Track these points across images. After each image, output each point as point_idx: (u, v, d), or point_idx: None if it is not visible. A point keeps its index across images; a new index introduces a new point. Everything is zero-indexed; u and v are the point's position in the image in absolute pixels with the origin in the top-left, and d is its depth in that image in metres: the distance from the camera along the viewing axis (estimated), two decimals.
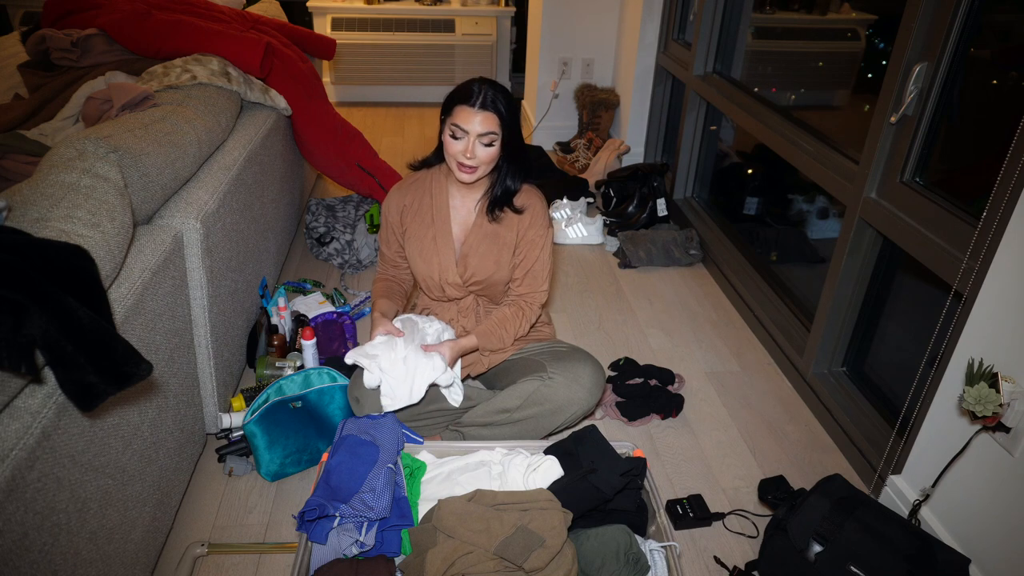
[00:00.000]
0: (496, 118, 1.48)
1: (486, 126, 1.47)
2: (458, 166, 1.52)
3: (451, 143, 1.50)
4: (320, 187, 3.31)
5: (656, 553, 1.35)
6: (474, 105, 1.47)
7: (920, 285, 1.82)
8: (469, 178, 1.53)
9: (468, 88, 1.49)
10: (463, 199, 1.66)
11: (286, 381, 1.66)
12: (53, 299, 0.92)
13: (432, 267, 1.66)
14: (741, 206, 2.90)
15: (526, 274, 1.66)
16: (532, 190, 1.67)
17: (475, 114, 1.46)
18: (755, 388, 2.10)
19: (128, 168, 1.34)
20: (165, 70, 1.93)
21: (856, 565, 1.28)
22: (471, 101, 1.47)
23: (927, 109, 1.57)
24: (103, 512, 1.13)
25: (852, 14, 2.58)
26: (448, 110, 1.51)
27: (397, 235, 1.71)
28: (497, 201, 1.62)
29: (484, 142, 1.49)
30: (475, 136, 1.48)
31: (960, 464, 1.40)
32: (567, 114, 3.91)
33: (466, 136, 1.48)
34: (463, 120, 1.47)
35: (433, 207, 1.66)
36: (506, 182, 1.61)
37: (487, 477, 1.42)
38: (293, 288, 2.40)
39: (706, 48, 2.85)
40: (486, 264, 1.64)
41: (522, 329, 1.68)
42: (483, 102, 1.47)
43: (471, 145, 1.48)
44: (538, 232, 1.64)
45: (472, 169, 1.51)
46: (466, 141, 1.48)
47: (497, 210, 1.63)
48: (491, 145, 1.50)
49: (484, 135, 1.48)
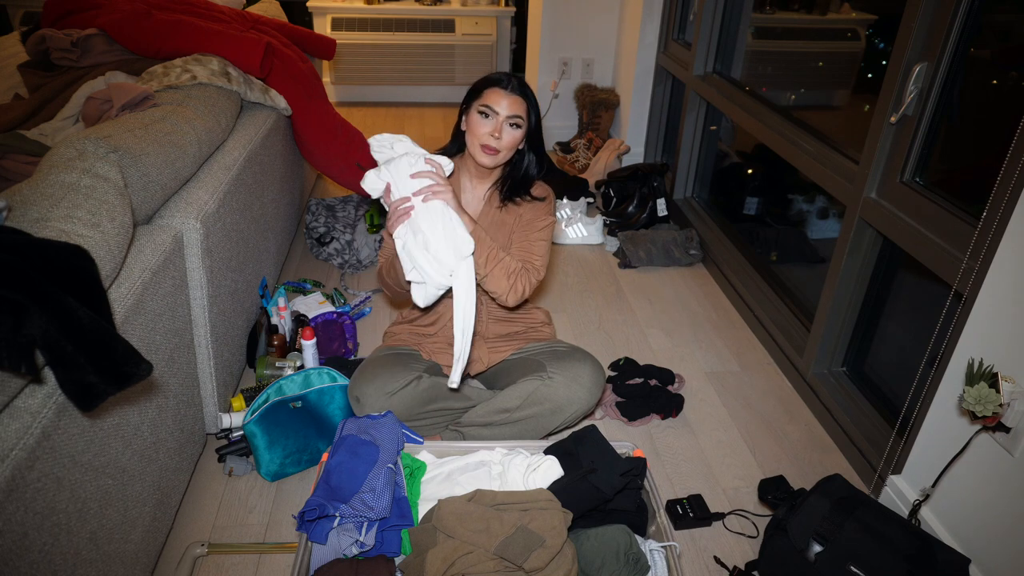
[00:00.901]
0: (525, 104, 1.55)
1: (515, 109, 1.53)
2: (482, 148, 1.55)
3: (479, 123, 1.54)
4: (320, 187, 3.31)
5: (656, 553, 1.35)
6: (506, 88, 1.54)
7: (920, 285, 1.82)
8: (491, 161, 1.56)
9: (497, 75, 1.57)
10: (473, 189, 1.69)
11: (286, 381, 1.66)
12: (53, 299, 0.92)
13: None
14: (741, 206, 2.90)
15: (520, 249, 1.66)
16: (545, 185, 1.73)
17: (505, 96, 1.53)
18: (755, 388, 2.10)
19: (128, 168, 1.34)
20: (165, 70, 1.93)
21: (856, 565, 1.28)
22: (503, 84, 1.54)
23: (927, 109, 1.57)
24: (103, 512, 1.13)
25: (852, 14, 2.58)
26: (477, 93, 1.56)
27: None
28: (516, 186, 1.66)
29: (512, 123, 1.54)
30: (504, 117, 1.53)
31: (960, 464, 1.40)
32: (567, 114, 3.91)
33: (495, 116, 1.53)
34: (494, 101, 1.53)
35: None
36: (528, 169, 1.66)
37: (487, 477, 1.42)
38: (293, 288, 2.40)
39: (706, 48, 2.85)
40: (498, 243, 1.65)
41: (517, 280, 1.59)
42: (513, 87, 1.54)
43: (500, 125, 1.53)
44: (539, 216, 1.67)
45: (495, 151, 1.55)
46: (495, 121, 1.53)
47: (516, 196, 1.66)
48: (517, 127, 1.55)
49: (512, 117, 1.53)
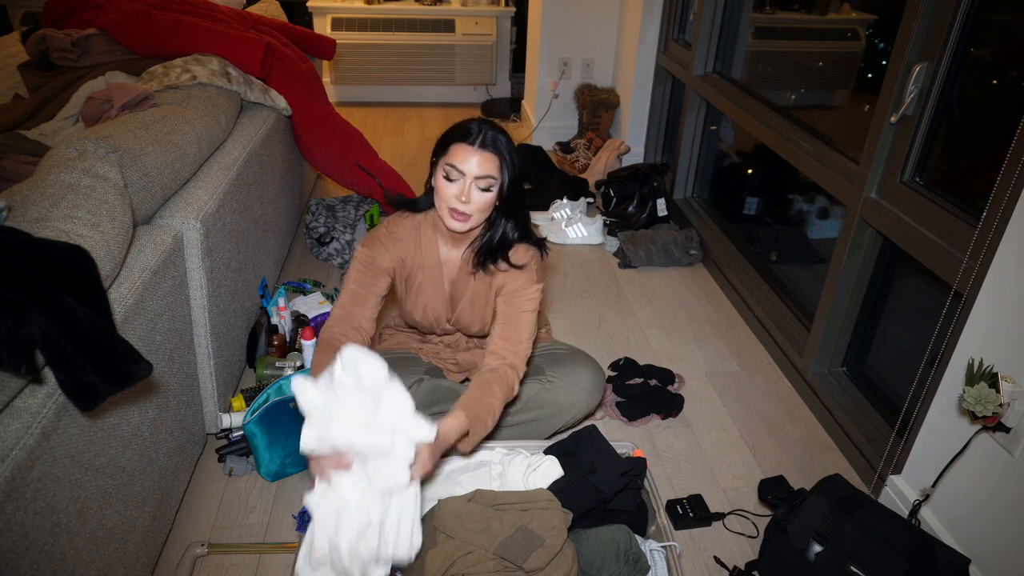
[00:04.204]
0: (497, 160, 1.33)
1: (485, 168, 1.32)
2: (450, 212, 1.35)
3: (444, 186, 1.34)
4: (320, 187, 3.31)
5: (656, 553, 1.35)
6: (473, 144, 1.31)
7: (920, 285, 1.82)
8: (461, 227, 1.36)
9: (466, 126, 1.34)
10: (450, 250, 1.52)
11: (286, 381, 1.66)
12: (53, 299, 0.92)
13: (426, 315, 1.59)
14: (741, 206, 2.90)
15: (505, 326, 1.46)
16: (527, 247, 1.49)
17: (474, 153, 1.31)
18: (755, 388, 2.10)
19: (128, 168, 1.34)
20: (165, 70, 1.93)
21: (856, 565, 1.28)
22: (470, 139, 1.32)
23: (927, 109, 1.57)
24: (103, 512, 1.13)
25: (852, 14, 2.58)
26: (442, 149, 1.36)
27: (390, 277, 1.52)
28: (491, 251, 1.45)
29: (481, 186, 1.33)
30: (472, 179, 1.32)
31: (960, 464, 1.40)
32: (567, 114, 3.91)
33: (462, 178, 1.32)
34: (460, 159, 1.31)
35: (423, 258, 1.52)
36: (503, 233, 1.45)
37: (487, 477, 1.42)
38: (293, 288, 2.40)
39: (706, 48, 2.85)
40: (478, 313, 1.56)
41: (506, 396, 1.41)
42: (483, 141, 1.32)
43: (467, 188, 1.32)
44: (521, 288, 1.46)
45: (466, 217, 1.35)
46: (462, 184, 1.32)
47: (490, 263, 1.45)
48: (488, 191, 1.34)
49: (482, 178, 1.32)
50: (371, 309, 1.48)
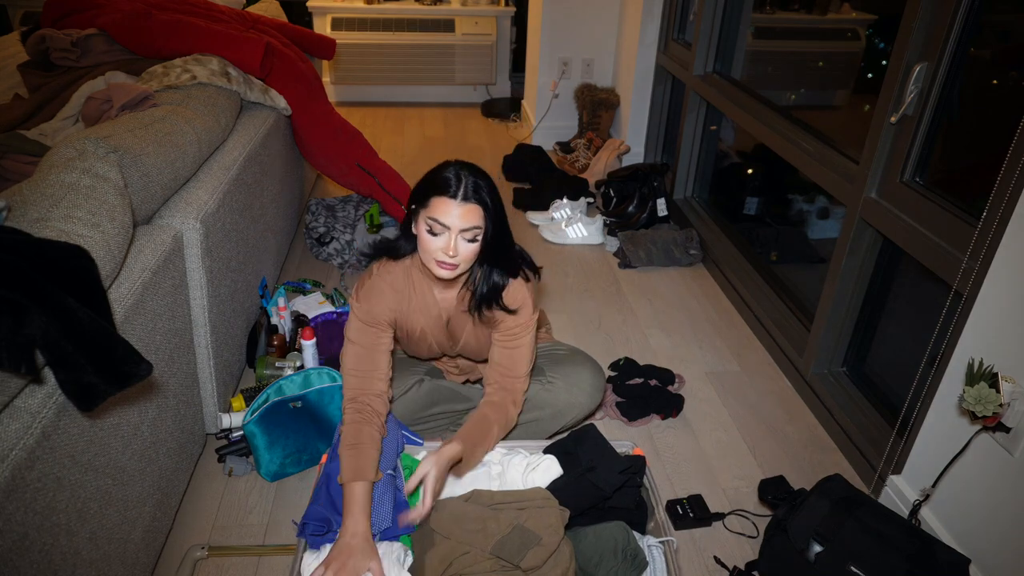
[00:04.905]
0: (480, 210, 1.28)
1: (469, 220, 1.26)
2: (437, 264, 1.31)
3: (428, 240, 1.29)
4: (320, 187, 3.31)
5: (654, 549, 1.35)
6: (455, 197, 1.25)
7: (920, 285, 1.82)
8: (450, 275, 1.33)
9: (445, 177, 1.27)
10: (443, 291, 1.49)
11: (286, 381, 1.66)
12: (53, 299, 0.92)
13: (432, 352, 1.61)
14: (741, 206, 2.90)
15: (503, 361, 1.49)
16: (521, 284, 1.46)
17: (456, 207, 1.25)
18: (755, 388, 2.10)
19: (128, 168, 1.34)
20: (165, 70, 1.93)
21: (856, 565, 1.28)
22: (451, 192, 1.25)
23: (927, 109, 1.57)
24: (103, 512, 1.13)
25: (852, 14, 2.58)
26: (423, 201, 1.29)
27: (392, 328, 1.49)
28: (485, 299, 1.44)
29: (467, 237, 1.28)
30: (457, 232, 1.27)
31: (960, 464, 1.40)
32: (567, 114, 3.91)
33: (446, 232, 1.27)
34: (442, 214, 1.25)
35: (420, 304, 1.49)
36: (492, 279, 1.43)
37: (486, 477, 1.42)
38: (293, 288, 2.40)
39: (706, 48, 2.85)
40: (483, 343, 1.55)
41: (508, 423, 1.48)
42: (465, 193, 1.26)
43: (453, 242, 1.27)
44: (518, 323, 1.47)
45: (453, 267, 1.30)
46: (447, 237, 1.27)
47: (485, 309, 1.45)
48: (475, 240, 1.30)
49: (467, 230, 1.27)
50: (383, 369, 1.44)
